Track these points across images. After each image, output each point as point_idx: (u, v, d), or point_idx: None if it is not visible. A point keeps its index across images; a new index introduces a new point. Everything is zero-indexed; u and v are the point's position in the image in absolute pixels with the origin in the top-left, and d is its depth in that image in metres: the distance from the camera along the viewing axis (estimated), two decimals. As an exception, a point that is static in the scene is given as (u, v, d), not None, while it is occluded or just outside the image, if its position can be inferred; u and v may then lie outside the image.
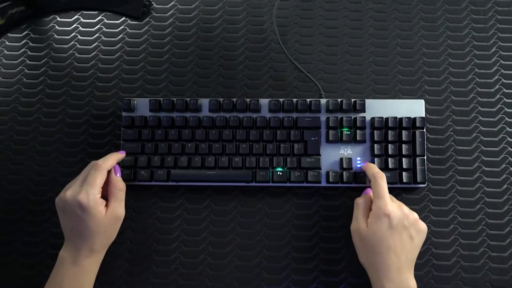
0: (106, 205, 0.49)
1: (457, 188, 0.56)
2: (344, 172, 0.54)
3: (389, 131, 0.55)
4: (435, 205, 0.56)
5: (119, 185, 0.51)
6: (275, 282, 0.55)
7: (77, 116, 0.59)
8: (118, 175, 0.52)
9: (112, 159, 0.51)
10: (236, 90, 0.59)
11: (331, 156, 0.55)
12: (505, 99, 0.58)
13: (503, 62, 0.59)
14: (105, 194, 0.51)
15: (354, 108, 0.55)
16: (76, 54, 0.61)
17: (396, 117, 0.55)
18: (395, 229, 0.47)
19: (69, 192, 0.48)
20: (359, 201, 0.51)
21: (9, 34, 0.61)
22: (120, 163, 0.55)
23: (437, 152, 0.57)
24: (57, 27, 0.62)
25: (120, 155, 0.53)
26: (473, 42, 0.60)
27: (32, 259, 0.56)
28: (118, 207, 0.50)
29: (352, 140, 0.55)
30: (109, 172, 0.51)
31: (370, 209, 0.49)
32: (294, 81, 0.60)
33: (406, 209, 0.49)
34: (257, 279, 0.55)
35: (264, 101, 0.56)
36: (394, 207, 0.48)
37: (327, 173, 0.54)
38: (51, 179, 0.58)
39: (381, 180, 0.49)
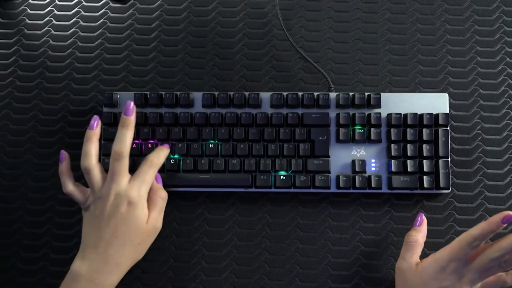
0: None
1: (486, 194, 0.56)
2: (357, 176, 0.54)
3: (408, 130, 0.54)
4: (461, 213, 0.56)
5: (162, 193, 0.51)
6: (278, 302, 0.54)
7: (51, 112, 0.59)
8: (160, 182, 0.52)
9: (164, 156, 0.51)
10: (233, 82, 0.59)
11: (341, 158, 0.55)
12: (540, 92, 0.58)
13: (538, 51, 0.59)
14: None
15: (368, 103, 0.55)
16: (51, 42, 0.60)
17: (416, 114, 0.55)
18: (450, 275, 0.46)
19: (114, 185, 0.47)
20: (409, 239, 0.50)
21: (-25, 19, 0.61)
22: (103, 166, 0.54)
23: (463, 153, 0.57)
24: (28, 10, 0.61)
25: (168, 151, 0.53)
26: (504, 28, 0.59)
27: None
28: (158, 217, 0.50)
29: (366, 140, 0.55)
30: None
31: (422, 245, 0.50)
32: (299, 72, 0.59)
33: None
34: (257, 299, 0.55)
35: (265, 95, 0.56)
36: (459, 272, 0.46)
37: (337, 178, 0.54)
38: (22, 184, 0.57)
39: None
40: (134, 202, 0.47)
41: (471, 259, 0.45)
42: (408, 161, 0.54)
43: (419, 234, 0.50)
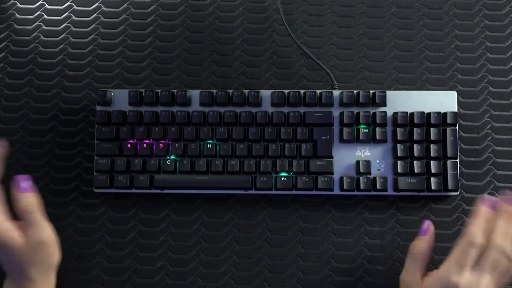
0: (23, 229, 0.47)
1: (496, 196, 0.55)
2: (361, 178, 0.54)
3: (415, 129, 0.54)
4: (470, 216, 0.55)
5: (26, 204, 0.47)
6: (279, 309, 0.54)
7: (42, 111, 0.58)
8: (23, 186, 0.47)
9: None
10: (232, 80, 0.59)
11: (345, 158, 0.55)
12: (553, 90, 0.58)
13: (550, 47, 0.59)
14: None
15: (373, 101, 0.55)
16: (42, 37, 0.60)
17: (423, 112, 0.55)
18: None
19: None
20: (414, 250, 0.48)
21: (-38, 13, 0.61)
22: (95, 167, 0.54)
23: (472, 153, 0.56)
24: (18, 4, 0.61)
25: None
26: (515, 23, 0.59)
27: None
28: (37, 232, 0.47)
29: (371, 140, 0.55)
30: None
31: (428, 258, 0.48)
32: (301, 69, 0.59)
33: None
34: (257, 306, 0.54)
35: (265, 93, 0.56)
36: (470, 282, 0.43)
37: (341, 179, 0.54)
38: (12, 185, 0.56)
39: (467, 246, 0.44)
40: None
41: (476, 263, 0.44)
42: (415, 162, 0.53)
43: (425, 244, 0.48)
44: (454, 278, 0.44)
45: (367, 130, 0.54)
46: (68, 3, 0.61)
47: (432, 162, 0.53)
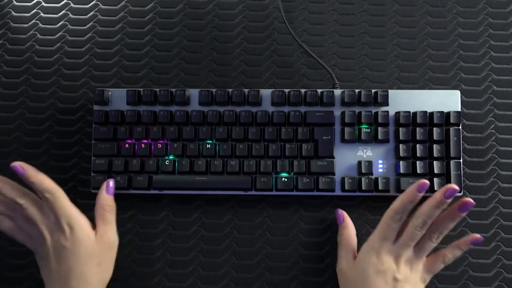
0: (94, 230, 0.49)
1: (500, 197, 0.56)
2: (363, 178, 0.54)
3: (417, 129, 0.54)
4: (473, 218, 0.55)
5: (105, 205, 0.50)
6: (279, 312, 0.54)
7: (39, 111, 0.58)
8: (109, 193, 0.51)
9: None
10: (232, 78, 0.59)
11: (347, 158, 0.55)
12: (557, 89, 0.58)
13: (555, 45, 0.59)
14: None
15: (374, 100, 0.55)
16: (38, 35, 0.60)
17: (426, 112, 0.54)
18: (383, 276, 0.46)
19: (43, 223, 0.48)
20: (340, 238, 0.52)
21: (-43, 11, 0.61)
22: (92, 167, 0.54)
23: (476, 154, 0.56)
24: (15, 2, 0.61)
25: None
26: (519, 21, 0.59)
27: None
28: (109, 231, 0.49)
29: (373, 140, 0.55)
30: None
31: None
32: (302, 68, 0.59)
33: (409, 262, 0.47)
34: (257, 308, 0.54)
35: (265, 92, 0.56)
36: (390, 251, 0.47)
37: (342, 180, 0.54)
38: (8, 186, 0.56)
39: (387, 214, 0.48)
40: (68, 227, 0.47)
41: (400, 235, 0.47)
42: (418, 162, 0.53)
43: (347, 229, 0.52)
44: (377, 247, 0.47)
45: (369, 130, 0.54)
46: (65, 1, 0.60)
47: (435, 162, 0.53)
